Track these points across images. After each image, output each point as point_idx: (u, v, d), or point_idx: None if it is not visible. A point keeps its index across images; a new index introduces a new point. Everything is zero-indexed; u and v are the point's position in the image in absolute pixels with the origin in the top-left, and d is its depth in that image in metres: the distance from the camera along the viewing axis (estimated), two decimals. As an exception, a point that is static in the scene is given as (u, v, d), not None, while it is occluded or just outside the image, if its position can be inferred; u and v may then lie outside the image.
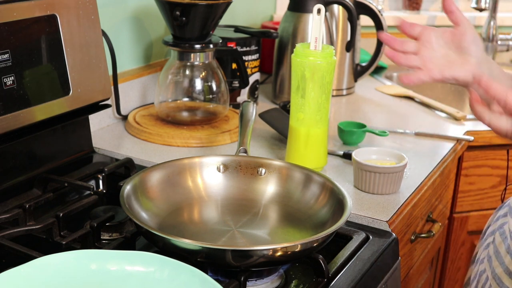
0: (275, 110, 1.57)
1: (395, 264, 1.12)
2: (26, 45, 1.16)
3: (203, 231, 1.06)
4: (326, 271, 0.97)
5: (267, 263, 0.91)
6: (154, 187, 1.09)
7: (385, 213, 1.18)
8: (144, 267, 0.85)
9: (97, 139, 1.47)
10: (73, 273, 0.83)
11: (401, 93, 1.99)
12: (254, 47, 1.75)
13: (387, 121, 1.74)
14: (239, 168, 1.16)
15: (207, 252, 0.88)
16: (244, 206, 1.12)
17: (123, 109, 1.61)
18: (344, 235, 1.09)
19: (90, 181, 1.27)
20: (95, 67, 1.31)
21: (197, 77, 1.56)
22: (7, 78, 1.13)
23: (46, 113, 1.21)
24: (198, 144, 1.47)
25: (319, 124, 1.29)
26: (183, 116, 1.56)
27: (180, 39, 1.51)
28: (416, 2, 2.56)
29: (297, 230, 1.06)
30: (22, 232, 1.00)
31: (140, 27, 1.67)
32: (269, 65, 1.99)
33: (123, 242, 1.01)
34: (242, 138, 1.22)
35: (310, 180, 1.12)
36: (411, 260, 1.46)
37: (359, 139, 1.50)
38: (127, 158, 1.30)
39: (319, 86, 1.25)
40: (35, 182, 1.21)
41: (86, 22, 1.28)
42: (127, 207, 0.97)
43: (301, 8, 1.82)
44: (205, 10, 1.46)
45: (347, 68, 1.95)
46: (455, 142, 1.58)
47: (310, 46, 1.25)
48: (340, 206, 1.02)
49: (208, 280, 0.81)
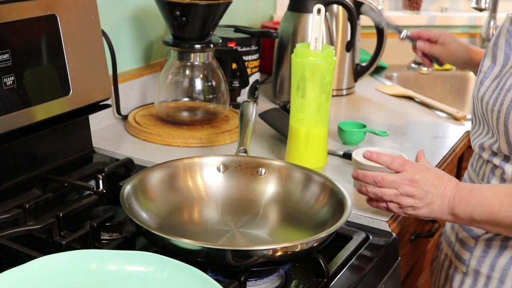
0: (275, 110, 1.57)
1: (395, 264, 1.12)
2: (26, 45, 1.16)
3: (203, 231, 1.06)
4: (326, 271, 0.97)
5: (267, 263, 0.91)
6: (154, 187, 1.09)
7: (385, 213, 1.18)
8: (144, 267, 0.85)
9: (97, 139, 1.47)
10: (73, 273, 0.83)
11: (401, 93, 1.99)
12: (254, 47, 1.75)
13: (387, 121, 1.74)
14: (239, 168, 1.16)
15: (207, 252, 0.88)
16: (244, 206, 1.12)
17: (123, 109, 1.61)
18: (344, 235, 1.09)
19: (90, 181, 1.27)
20: (95, 67, 1.31)
21: (197, 77, 1.56)
22: (7, 78, 1.13)
23: (46, 113, 1.21)
24: (198, 144, 1.47)
25: (319, 124, 1.29)
26: (183, 116, 1.56)
27: (180, 39, 1.51)
28: (416, 2, 2.56)
29: (297, 230, 1.06)
30: (22, 232, 1.00)
31: (140, 27, 1.67)
32: (269, 65, 1.99)
33: (123, 242, 1.01)
34: (242, 138, 1.22)
35: (310, 180, 1.12)
36: (411, 260, 1.46)
37: (359, 139, 1.50)
38: (127, 158, 1.30)
39: (319, 86, 1.25)
40: (35, 182, 1.21)
41: (86, 22, 1.28)
42: (127, 207, 0.97)
43: (301, 8, 1.82)
44: (205, 10, 1.46)
45: (347, 68, 1.95)
46: (455, 142, 1.58)
47: (310, 46, 1.25)
48: (340, 206, 1.02)
49: (208, 280, 0.81)
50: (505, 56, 1.10)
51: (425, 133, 1.64)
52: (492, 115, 1.09)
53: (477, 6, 2.31)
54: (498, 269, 1.12)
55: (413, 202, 1.07)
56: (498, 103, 1.08)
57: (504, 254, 1.12)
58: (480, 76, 1.16)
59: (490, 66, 1.14)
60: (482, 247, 1.16)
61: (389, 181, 1.08)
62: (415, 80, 2.40)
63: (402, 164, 1.08)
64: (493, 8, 2.44)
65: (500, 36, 1.12)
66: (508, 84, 1.07)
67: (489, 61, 1.14)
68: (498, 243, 1.13)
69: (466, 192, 1.04)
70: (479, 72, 1.17)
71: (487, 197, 1.02)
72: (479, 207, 1.02)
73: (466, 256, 1.19)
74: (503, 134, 1.07)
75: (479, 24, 2.60)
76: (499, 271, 1.12)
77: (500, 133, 1.08)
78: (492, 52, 1.14)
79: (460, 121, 1.75)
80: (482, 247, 1.16)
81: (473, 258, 1.17)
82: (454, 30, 2.61)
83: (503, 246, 1.12)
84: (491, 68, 1.13)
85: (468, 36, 2.62)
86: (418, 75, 2.42)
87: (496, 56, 1.12)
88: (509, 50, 1.10)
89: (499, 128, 1.08)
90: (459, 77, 2.46)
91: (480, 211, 1.02)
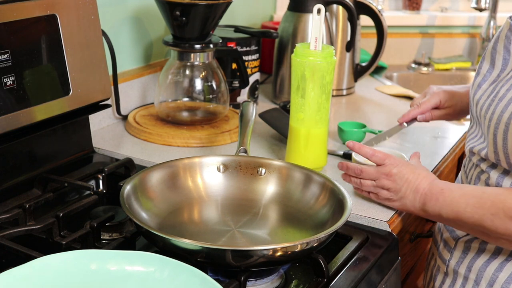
0: (275, 110, 1.57)
1: (395, 264, 1.12)
2: (26, 45, 1.16)
3: (203, 231, 1.06)
4: (326, 271, 0.97)
5: (267, 263, 0.91)
6: (154, 187, 1.09)
7: (385, 213, 1.18)
8: (144, 267, 0.85)
9: (97, 139, 1.47)
10: (73, 273, 0.83)
11: (401, 93, 1.99)
12: (254, 47, 1.75)
13: (387, 121, 1.74)
14: (239, 168, 1.16)
15: (207, 252, 0.88)
16: (244, 206, 1.12)
17: (123, 109, 1.61)
18: (344, 235, 1.09)
19: (90, 181, 1.27)
20: (95, 67, 1.31)
21: (197, 77, 1.56)
22: (7, 78, 1.13)
23: (46, 113, 1.21)
24: (198, 144, 1.47)
25: (319, 124, 1.29)
26: (183, 116, 1.56)
27: (180, 39, 1.51)
28: (416, 2, 2.56)
29: (297, 230, 1.06)
30: (22, 232, 1.00)
31: (140, 27, 1.67)
32: (269, 65, 1.99)
33: (123, 242, 1.01)
34: (242, 138, 1.22)
35: (310, 180, 1.12)
36: (411, 260, 1.46)
37: (359, 139, 1.50)
38: (127, 158, 1.30)
39: (319, 86, 1.25)
40: (35, 182, 1.21)
41: (86, 22, 1.28)
42: (127, 207, 0.97)
43: (301, 8, 1.82)
44: (205, 10, 1.46)
45: (347, 68, 1.95)
46: (455, 142, 1.58)
47: (310, 46, 1.25)
48: (340, 206, 1.02)
49: (208, 280, 0.81)
50: (504, 61, 1.11)
51: (425, 133, 1.64)
52: (484, 121, 1.10)
53: (477, 6, 2.32)
54: (474, 270, 1.14)
55: (389, 195, 1.15)
56: (490, 111, 1.08)
57: (481, 256, 1.14)
58: (478, 79, 1.16)
59: (489, 69, 1.14)
60: (461, 248, 1.18)
61: (367, 173, 1.17)
62: (415, 80, 2.41)
63: (382, 158, 1.15)
64: (493, 8, 2.44)
65: (499, 41, 1.12)
66: (502, 92, 1.07)
67: (488, 64, 1.14)
68: (476, 245, 1.15)
69: (437, 191, 1.08)
70: (477, 74, 1.17)
71: (455, 197, 1.06)
72: (446, 207, 1.07)
73: (447, 256, 1.21)
74: (491, 142, 1.07)
75: (479, 24, 2.60)
76: (475, 273, 1.13)
77: (489, 141, 1.09)
78: (491, 55, 1.14)
79: (460, 121, 1.75)
80: (462, 248, 1.17)
81: (453, 259, 1.19)
82: (454, 30, 2.62)
83: (481, 249, 1.14)
84: (490, 71, 1.13)
85: (468, 36, 2.62)
86: (418, 75, 2.42)
87: (494, 60, 1.12)
88: (508, 55, 1.10)
89: (488, 136, 1.09)
90: (459, 77, 2.46)
91: (447, 210, 1.07)
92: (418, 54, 2.56)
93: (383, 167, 1.15)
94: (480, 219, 1.02)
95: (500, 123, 1.05)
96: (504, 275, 1.10)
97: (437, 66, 2.47)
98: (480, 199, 1.03)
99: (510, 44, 1.09)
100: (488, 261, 1.12)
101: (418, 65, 2.44)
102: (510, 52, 1.09)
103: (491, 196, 1.03)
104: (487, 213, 1.02)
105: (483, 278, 1.13)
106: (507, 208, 1.00)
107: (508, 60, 1.10)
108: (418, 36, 2.56)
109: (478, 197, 1.04)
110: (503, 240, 1.04)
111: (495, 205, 1.01)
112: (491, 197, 1.02)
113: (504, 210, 1.00)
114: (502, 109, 1.05)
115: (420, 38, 2.57)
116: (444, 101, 1.42)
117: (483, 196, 1.03)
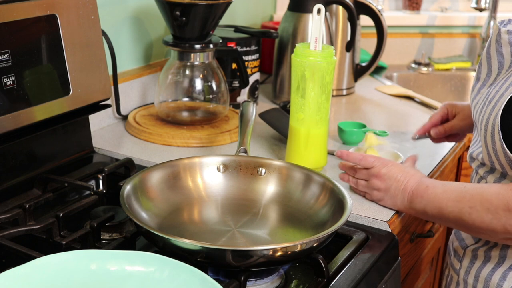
0: (275, 110, 1.57)
1: (395, 264, 1.12)
2: (26, 45, 1.16)
3: (203, 231, 1.06)
4: (326, 271, 0.97)
5: (267, 263, 0.91)
6: (154, 187, 1.09)
7: (385, 213, 1.18)
8: (144, 267, 0.85)
9: (97, 139, 1.47)
10: (73, 273, 0.83)
11: (401, 93, 2.00)
12: (254, 47, 1.75)
13: (387, 121, 1.74)
14: (239, 168, 1.16)
15: (207, 252, 0.88)
16: (244, 206, 1.12)
17: (123, 109, 1.61)
18: (344, 235, 1.09)
19: (90, 181, 1.27)
20: (95, 67, 1.31)
21: (197, 77, 1.56)
22: (7, 78, 1.13)
23: (46, 113, 1.21)
24: (198, 144, 1.47)
25: (319, 124, 1.29)
26: (183, 116, 1.56)
27: (180, 39, 1.51)
28: (416, 2, 2.56)
29: (297, 230, 1.06)
30: (22, 232, 1.00)
31: (140, 27, 1.67)
32: (269, 65, 1.99)
33: (123, 242, 1.01)
34: (242, 138, 1.22)
35: (310, 180, 1.12)
36: (411, 260, 1.46)
37: (359, 139, 1.50)
38: (127, 158, 1.30)
39: (319, 86, 1.25)
40: (35, 182, 1.21)
41: (86, 22, 1.28)
42: (127, 207, 0.97)
43: (301, 8, 1.82)
44: (205, 10, 1.46)
45: (347, 68, 1.95)
46: (455, 142, 1.58)
47: (310, 46, 1.25)
48: (340, 206, 1.02)
49: (208, 280, 0.81)
50: (499, 64, 1.12)
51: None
52: (479, 125, 1.11)
53: (477, 6, 2.32)
54: (481, 280, 1.15)
55: (379, 195, 1.18)
56: (482, 113, 1.09)
57: (486, 265, 1.14)
58: (478, 85, 1.16)
59: (488, 73, 1.15)
60: (469, 257, 1.18)
61: (360, 173, 1.21)
62: (415, 80, 2.41)
63: (371, 161, 1.19)
64: (493, 8, 2.44)
65: (491, 46, 1.14)
66: (492, 94, 1.08)
67: (486, 69, 1.15)
68: (482, 253, 1.15)
69: (422, 188, 1.11)
70: (476, 80, 1.17)
71: (437, 194, 1.08)
72: (430, 203, 1.09)
73: (457, 265, 1.22)
74: (483, 144, 1.08)
75: (479, 24, 2.60)
76: (482, 282, 1.14)
77: (482, 143, 1.09)
78: (487, 60, 1.15)
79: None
80: (469, 257, 1.18)
81: (462, 268, 1.20)
82: (454, 30, 2.62)
83: (487, 256, 1.14)
84: (489, 75, 1.14)
85: (468, 36, 2.62)
86: (418, 75, 2.42)
87: (491, 64, 1.14)
88: (502, 58, 1.11)
89: (482, 139, 1.09)
90: (459, 77, 2.46)
91: (431, 207, 1.09)
92: (418, 54, 2.56)
93: (373, 169, 1.19)
94: (459, 212, 1.05)
95: (488, 125, 1.05)
96: (508, 284, 1.10)
97: (437, 66, 2.47)
98: (460, 193, 1.06)
99: (502, 48, 1.10)
100: (493, 270, 1.13)
101: (418, 65, 2.44)
102: (503, 55, 1.10)
103: (471, 189, 1.05)
104: (466, 206, 1.04)
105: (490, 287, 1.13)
106: (484, 200, 1.01)
107: (503, 63, 1.11)
108: (418, 36, 2.57)
109: (459, 191, 1.06)
110: (482, 234, 1.06)
111: (473, 198, 1.03)
112: (470, 190, 1.05)
113: (481, 202, 1.02)
114: (490, 110, 1.06)
115: (420, 38, 2.57)
116: (450, 109, 1.45)
117: (463, 190, 1.06)
